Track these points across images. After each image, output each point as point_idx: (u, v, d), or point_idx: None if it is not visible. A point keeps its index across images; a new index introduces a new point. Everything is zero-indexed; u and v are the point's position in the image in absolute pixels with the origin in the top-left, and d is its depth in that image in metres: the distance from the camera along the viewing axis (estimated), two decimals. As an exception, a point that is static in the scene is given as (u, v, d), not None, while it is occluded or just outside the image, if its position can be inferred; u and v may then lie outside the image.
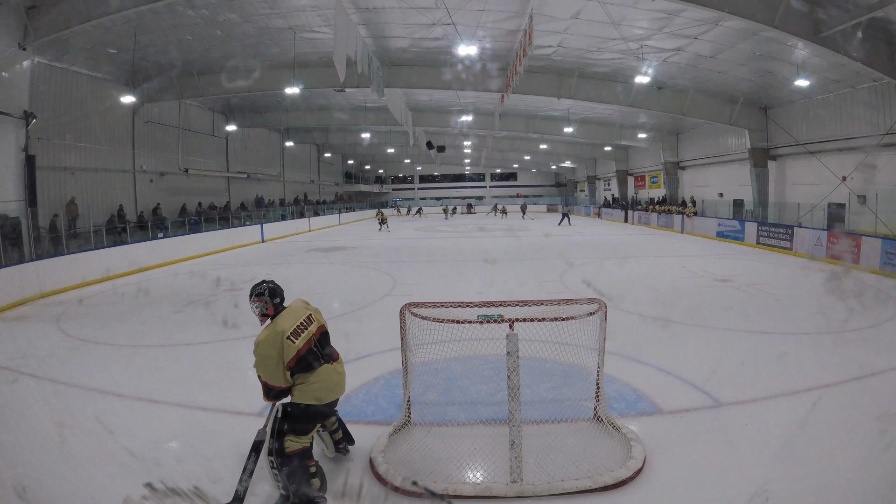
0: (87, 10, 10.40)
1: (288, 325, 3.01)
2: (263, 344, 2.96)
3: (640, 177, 31.32)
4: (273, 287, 3.17)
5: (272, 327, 3.02)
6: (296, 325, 3.05)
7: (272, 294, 3.14)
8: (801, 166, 17.00)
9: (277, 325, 3.01)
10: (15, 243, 10.52)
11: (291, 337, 2.98)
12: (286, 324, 3.02)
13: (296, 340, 2.99)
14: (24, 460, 3.52)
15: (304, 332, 3.06)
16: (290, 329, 3.00)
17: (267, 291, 3.13)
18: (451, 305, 3.56)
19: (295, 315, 3.11)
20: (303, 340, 3.03)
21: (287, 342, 2.95)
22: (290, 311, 3.15)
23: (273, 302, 3.12)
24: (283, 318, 3.07)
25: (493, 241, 20.16)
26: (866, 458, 3.47)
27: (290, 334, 2.98)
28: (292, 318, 3.08)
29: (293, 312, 3.14)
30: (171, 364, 5.80)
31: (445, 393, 4.49)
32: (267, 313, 3.12)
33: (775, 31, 10.27)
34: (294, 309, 3.18)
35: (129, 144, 17.33)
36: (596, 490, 3.13)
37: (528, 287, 10.04)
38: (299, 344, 3.00)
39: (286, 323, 3.03)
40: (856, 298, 9.19)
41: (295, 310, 3.17)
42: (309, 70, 15.74)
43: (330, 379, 3.10)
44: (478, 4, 11.30)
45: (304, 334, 3.06)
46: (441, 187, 50.91)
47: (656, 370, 5.19)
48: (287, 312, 3.12)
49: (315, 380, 3.03)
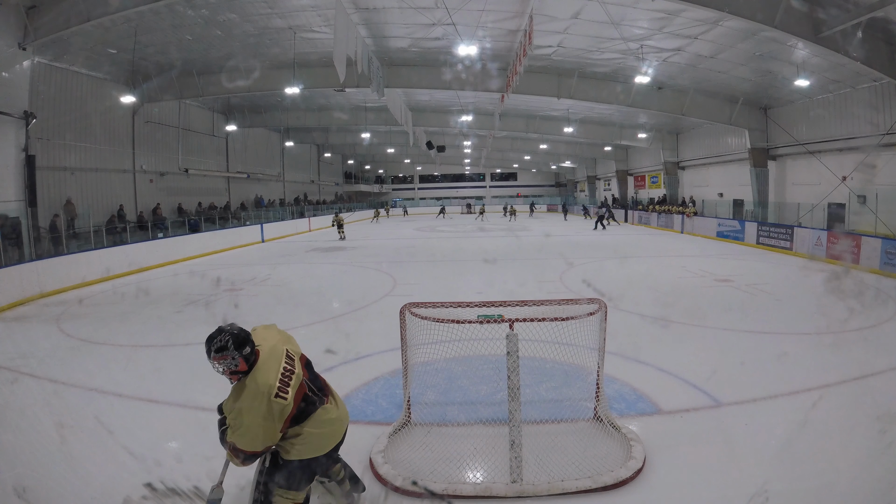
0: (87, 10, 10.40)
1: (273, 378, 2.28)
2: (245, 412, 2.23)
3: (640, 177, 31.31)
4: (237, 334, 2.32)
5: (252, 387, 2.26)
6: (280, 373, 2.31)
7: (239, 344, 2.29)
8: (801, 166, 17.00)
9: (259, 384, 2.26)
10: (15, 243, 10.52)
11: (280, 395, 2.26)
12: (270, 377, 2.28)
13: (287, 396, 2.28)
14: (24, 460, 3.52)
15: (293, 378, 2.35)
16: (276, 382, 2.27)
17: (231, 343, 2.28)
18: (451, 305, 3.56)
19: (274, 357, 2.37)
20: (293, 390, 2.32)
21: (277, 402, 2.24)
22: (267, 355, 2.37)
23: (243, 354, 2.30)
24: (262, 370, 2.31)
25: (493, 241, 20.16)
26: (866, 458, 3.47)
27: (278, 390, 2.26)
28: (273, 364, 2.34)
29: (271, 355, 2.38)
30: (171, 364, 5.80)
31: (445, 393, 4.49)
32: (238, 370, 2.31)
33: (775, 31, 10.26)
34: (269, 350, 2.40)
35: (129, 144, 17.33)
36: (596, 490, 3.13)
37: (528, 287, 10.04)
38: (291, 397, 2.30)
39: (270, 376, 2.28)
40: (856, 298, 9.19)
41: (271, 350, 2.40)
42: (309, 70, 15.75)
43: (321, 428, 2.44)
44: (478, 4, 11.30)
45: (294, 381, 2.34)
46: (441, 187, 50.91)
47: (656, 370, 5.19)
48: (265, 359, 2.35)
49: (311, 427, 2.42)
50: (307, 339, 5.31)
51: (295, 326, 6.94)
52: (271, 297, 9.65)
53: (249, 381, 2.29)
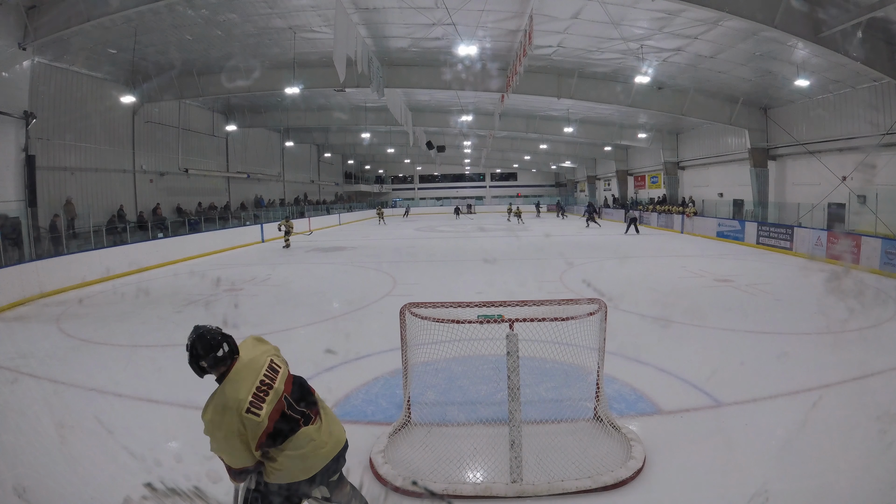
0: (87, 10, 10.40)
1: (244, 393, 2.11)
2: (216, 425, 2.08)
3: (640, 177, 31.31)
4: (205, 334, 2.16)
5: (220, 398, 2.11)
6: (254, 386, 2.14)
7: (207, 346, 2.13)
8: (801, 166, 16.99)
9: (228, 396, 2.09)
10: (15, 243, 10.51)
11: (253, 410, 2.09)
12: (241, 390, 2.11)
13: (260, 412, 2.10)
14: (24, 460, 3.52)
15: (270, 394, 2.16)
16: (247, 397, 2.10)
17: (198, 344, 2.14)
18: (451, 305, 3.56)
19: (251, 369, 2.19)
20: (269, 407, 2.14)
21: (249, 417, 2.08)
22: (243, 365, 2.19)
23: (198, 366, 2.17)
24: (233, 381, 2.14)
25: (493, 241, 20.15)
26: (866, 458, 3.47)
27: (249, 405, 2.09)
28: (248, 376, 2.17)
29: (248, 367, 2.20)
30: (171, 364, 5.79)
31: (445, 393, 4.49)
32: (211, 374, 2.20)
33: (775, 31, 10.26)
34: (249, 361, 2.22)
35: (129, 144, 17.33)
36: (596, 490, 3.13)
37: (528, 287, 10.04)
38: (266, 413, 2.12)
39: (241, 389, 2.11)
40: (856, 298, 9.19)
41: (250, 361, 2.22)
42: (309, 70, 15.74)
43: (302, 451, 2.21)
44: (478, 4, 11.30)
45: (271, 396, 2.16)
46: (441, 187, 50.91)
47: (656, 370, 5.19)
48: (238, 369, 2.18)
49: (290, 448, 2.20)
50: (307, 339, 5.33)
51: (295, 327, 6.95)
52: (271, 297, 9.65)
53: (219, 391, 2.13)
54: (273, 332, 6.87)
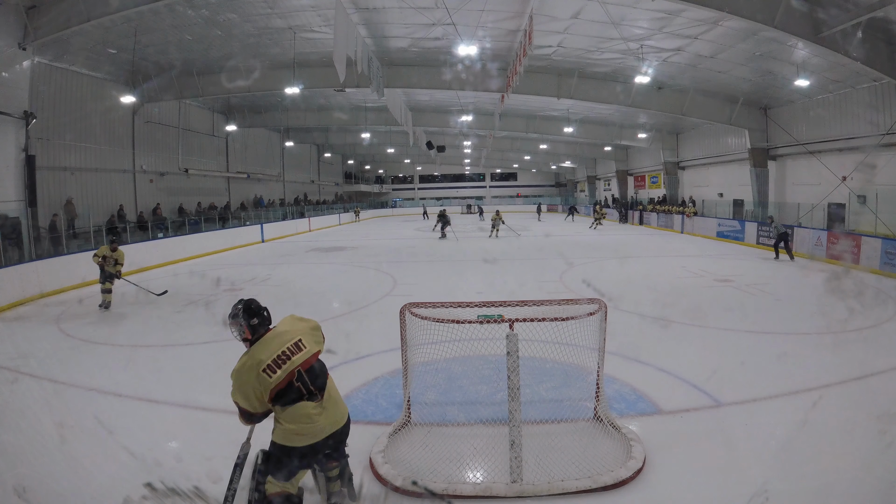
0: (87, 10, 10.40)
1: (266, 356, 2.58)
2: (238, 374, 2.59)
3: (640, 177, 31.31)
4: (248, 306, 2.69)
5: (248, 356, 2.60)
6: (276, 354, 2.59)
7: (248, 314, 2.67)
8: (801, 166, 16.99)
9: (254, 355, 2.59)
10: (15, 243, 10.51)
11: (268, 371, 2.55)
12: (263, 353, 2.58)
13: (273, 374, 2.55)
14: (24, 460, 3.52)
15: (286, 364, 2.59)
16: (267, 360, 2.57)
17: (241, 312, 2.66)
18: (451, 305, 3.56)
19: (278, 341, 2.65)
20: (283, 374, 2.57)
21: (263, 376, 2.54)
22: (274, 335, 2.67)
23: (249, 323, 2.66)
24: (262, 345, 2.62)
25: (492, 241, 20.14)
26: (866, 458, 3.47)
27: (266, 367, 2.55)
28: (274, 345, 2.63)
29: (277, 337, 2.66)
30: (171, 364, 5.80)
31: (445, 393, 4.49)
32: (245, 337, 2.68)
33: (775, 31, 10.26)
34: (279, 332, 2.70)
35: (129, 144, 17.33)
36: (596, 490, 3.13)
37: (528, 287, 10.04)
38: (278, 378, 2.55)
39: (264, 352, 2.59)
40: (856, 298, 9.19)
41: (280, 333, 2.69)
42: (309, 70, 15.75)
43: (298, 422, 2.57)
44: (478, 4, 11.30)
45: (286, 366, 2.59)
46: (441, 187, 50.91)
47: (656, 370, 5.19)
48: (269, 338, 2.65)
49: (286, 418, 2.59)
50: (307, 339, 5.35)
51: (295, 326, 6.95)
52: (271, 297, 9.64)
53: (249, 351, 2.64)
54: (273, 332, 6.87)
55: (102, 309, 8.55)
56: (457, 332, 3.70)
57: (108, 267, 8.53)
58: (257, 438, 2.78)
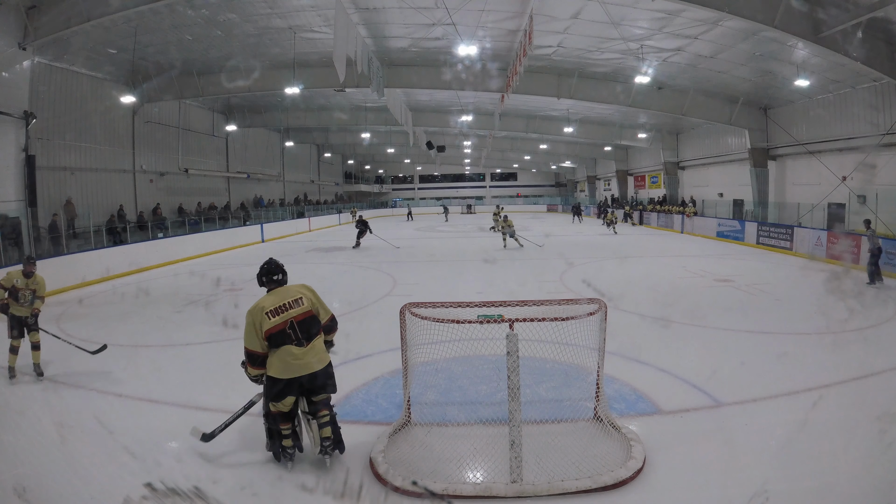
0: (87, 10, 10.40)
1: (269, 303, 3.38)
2: (248, 314, 3.39)
3: (640, 177, 31.31)
4: (269, 266, 3.57)
5: (258, 301, 3.42)
6: (278, 304, 3.39)
7: (267, 272, 3.55)
8: (801, 166, 16.99)
9: (262, 301, 3.41)
10: (15, 243, 10.51)
11: (269, 314, 3.34)
12: (268, 301, 3.40)
13: (272, 318, 3.34)
14: (24, 460, 3.52)
15: (284, 313, 3.38)
16: (269, 307, 3.37)
17: (262, 269, 3.57)
18: (451, 305, 3.56)
19: (283, 295, 3.45)
20: (279, 319, 3.35)
21: (264, 317, 3.33)
22: (283, 290, 3.48)
23: (264, 279, 3.54)
24: (270, 295, 3.45)
25: (493, 241, 20.13)
26: (866, 458, 3.47)
27: (269, 311, 3.35)
28: (279, 297, 3.43)
29: (284, 292, 3.47)
30: (171, 364, 5.80)
31: (445, 393, 4.49)
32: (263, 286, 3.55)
33: (775, 31, 10.27)
34: (286, 289, 3.50)
35: (129, 144, 17.33)
36: (596, 490, 3.13)
37: (528, 287, 10.04)
38: (274, 322, 3.33)
39: (269, 301, 3.40)
40: (855, 298, 9.18)
41: (286, 290, 3.50)
42: (309, 70, 15.75)
43: (284, 359, 3.33)
44: (478, 4, 11.30)
45: (283, 315, 3.37)
46: (441, 187, 50.92)
47: (656, 370, 5.19)
48: (277, 291, 3.47)
49: (274, 357, 3.35)
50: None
51: (295, 326, 6.96)
52: (271, 297, 9.64)
53: (260, 298, 3.44)
54: (273, 332, 6.87)
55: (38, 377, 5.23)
56: (457, 332, 3.70)
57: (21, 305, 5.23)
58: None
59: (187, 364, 5.78)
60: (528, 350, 3.58)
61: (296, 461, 3.49)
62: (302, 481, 3.26)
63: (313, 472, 3.40)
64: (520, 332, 3.26)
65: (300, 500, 3.14)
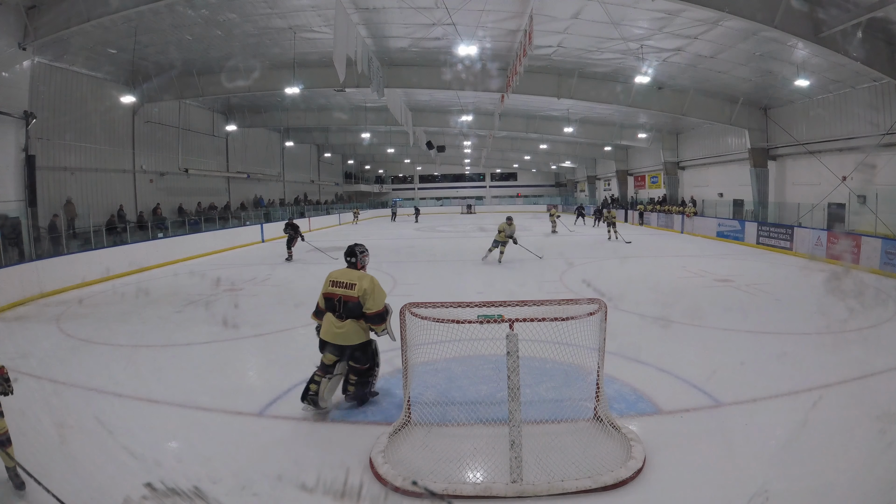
0: (87, 10, 10.40)
1: (336, 276, 4.26)
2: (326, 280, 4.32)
3: (640, 177, 31.31)
4: (349, 249, 4.35)
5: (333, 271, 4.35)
6: (339, 280, 4.21)
7: (347, 253, 4.36)
8: (801, 166, 17.00)
9: (335, 271, 4.32)
10: (15, 243, 10.50)
11: (331, 283, 4.21)
12: (336, 274, 4.28)
13: (330, 287, 4.21)
14: (24, 460, 3.52)
15: (339, 288, 4.17)
16: (334, 278, 4.24)
17: (347, 249, 4.37)
18: (451, 305, 3.56)
19: (346, 275, 4.22)
20: (333, 290, 4.19)
21: (328, 283, 4.25)
22: (348, 271, 4.26)
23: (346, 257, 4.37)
24: (341, 270, 4.31)
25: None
26: (866, 458, 3.47)
27: (332, 280, 4.22)
28: (343, 275, 4.23)
29: (348, 273, 4.24)
30: (171, 364, 5.80)
31: (445, 393, 4.49)
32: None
33: (775, 31, 10.26)
34: (350, 272, 4.25)
35: (129, 144, 17.34)
36: (596, 490, 3.12)
37: (528, 287, 10.04)
38: (331, 290, 4.20)
39: (337, 274, 4.28)
40: (856, 298, 9.18)
41: (350, 272, 4.25)
42: (309, 70, 15.75)
43: (327, 323, 4.19)
44: (478, 4, 11.30)
45: (338, 289, 4.17)
46: (441, 187, 50.93)
47: (656, 370, 5.19)
48: (343, 270, 4.30)
49: (324, 320, 4.22)
50: (308, 339, 5.30)
51: (295, 326, 6.93)
52: (271, 296, 9.64)
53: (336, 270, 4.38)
54: (273, 332, 6.88)
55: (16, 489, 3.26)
56: (457, 332, 3.69)
57: None
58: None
59: (187, 364, 5.77)
60: (528, 350, 3.58)
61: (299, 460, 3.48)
62: (302, 481, 3.26)
63: (314, 471, 3.40)
64: (520, 332, 3.26)
65: (300, 500, 3.14)
